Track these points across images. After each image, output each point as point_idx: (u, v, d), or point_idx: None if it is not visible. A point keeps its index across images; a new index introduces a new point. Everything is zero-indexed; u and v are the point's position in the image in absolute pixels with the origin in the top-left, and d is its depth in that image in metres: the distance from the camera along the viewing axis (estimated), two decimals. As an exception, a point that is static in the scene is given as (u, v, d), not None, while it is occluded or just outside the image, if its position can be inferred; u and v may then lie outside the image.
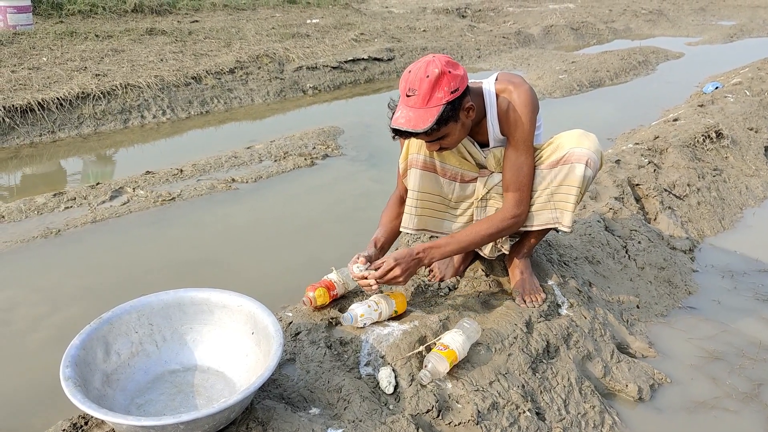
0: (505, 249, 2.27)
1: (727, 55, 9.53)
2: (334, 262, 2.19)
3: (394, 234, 2.20)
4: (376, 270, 1.92)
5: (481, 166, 2.11)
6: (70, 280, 2.65)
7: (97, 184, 3.62)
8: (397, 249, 2.54)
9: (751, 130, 4.78)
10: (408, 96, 1.75)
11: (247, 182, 3.78)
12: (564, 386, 1.91)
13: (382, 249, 2.14)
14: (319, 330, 1.93)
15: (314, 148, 4.42)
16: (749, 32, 12.38)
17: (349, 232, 3.15)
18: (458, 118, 1.81)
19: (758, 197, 3.75)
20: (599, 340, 2.15)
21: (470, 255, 2.39)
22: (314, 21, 8.18)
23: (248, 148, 4.36)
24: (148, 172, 3.81)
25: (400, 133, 1.79)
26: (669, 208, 3.27)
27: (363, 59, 7.04)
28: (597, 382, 2.03)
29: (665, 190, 3.40)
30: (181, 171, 3.88)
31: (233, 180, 3.79)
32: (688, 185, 3.50)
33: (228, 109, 5.59)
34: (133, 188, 3.59)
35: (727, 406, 2.00)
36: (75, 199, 3.40)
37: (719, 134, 4.28)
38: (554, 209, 2.02)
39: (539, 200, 2.03)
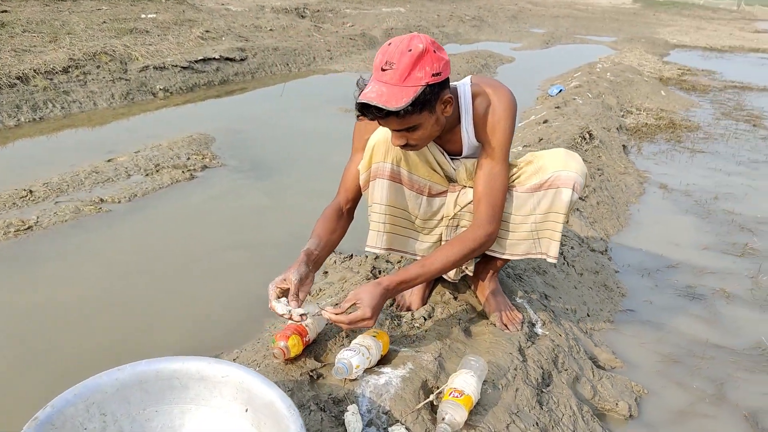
0: (469, 271, 2.13)
1: (550, 59, 10.37)
2: (257, 298, 1.85)
3: (331, 248, 1.84)
4: (337, 310, 1.59)
5: (450, 180, 1.91)
6: None
7: None
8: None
9: (606, 129, 5.14)
10: (383, 70, 1.49)
11: (119, 202, 3.20)
12: (569, 416, 1.78)
13: (316, 263, 1.74)
14: (303, 389, 1.59)
15: (189, 158, 3.90)
16: (558, 39, 13.64)
17: (259, 260, 2.73)
18: (434, 109, 1.57)
19: (636, 193, 4.00)
20: (578, 357, 2.05)
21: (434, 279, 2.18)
22: (150, 16, 7.40)
23: (109, 161, 3.72)
24: (-14, 196, 3.06)
25: (367, 111, 1.50)
26: (576, 209, 3.33)
27: (214, 59, 6.48)
28: (588, 404, 1.93)
29: (568, 192, 3.46)
30: (31, 192, 3.18)
31: (102, 200, 3.18)
32: (585, 186, 3.60)
33: (67, 114, 4.77)
34: (-29, 217, 2.85)
35: (705, 411, 2.01)
36: None
37: (591, 135, 4.52)
38: (539, 239, 1.87)
39: (522, 228, 1.87)
